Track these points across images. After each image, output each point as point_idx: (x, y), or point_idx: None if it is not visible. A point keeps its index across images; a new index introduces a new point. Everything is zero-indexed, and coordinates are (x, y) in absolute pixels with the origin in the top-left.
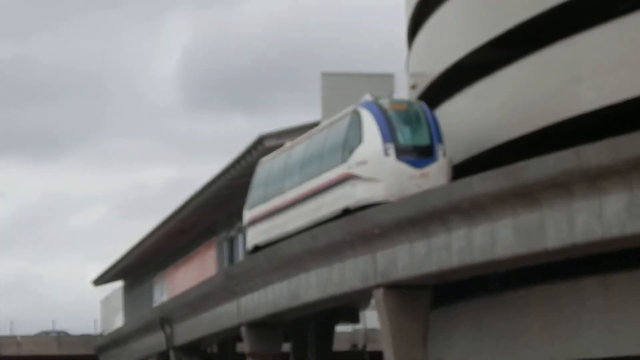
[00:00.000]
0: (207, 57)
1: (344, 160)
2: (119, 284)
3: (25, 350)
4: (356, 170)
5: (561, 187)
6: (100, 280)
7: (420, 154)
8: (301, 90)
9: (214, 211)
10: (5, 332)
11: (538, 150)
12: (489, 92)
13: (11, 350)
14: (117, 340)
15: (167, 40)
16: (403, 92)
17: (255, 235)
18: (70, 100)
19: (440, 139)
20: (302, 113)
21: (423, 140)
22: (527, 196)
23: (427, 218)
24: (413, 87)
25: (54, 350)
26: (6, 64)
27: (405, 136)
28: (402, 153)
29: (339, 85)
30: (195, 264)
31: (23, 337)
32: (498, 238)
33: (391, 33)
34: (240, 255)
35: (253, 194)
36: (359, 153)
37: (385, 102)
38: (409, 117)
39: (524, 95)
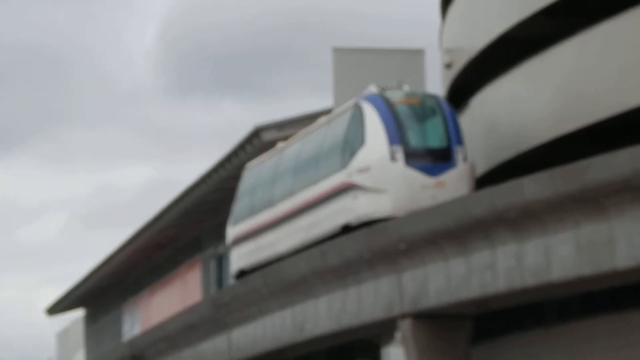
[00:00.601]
0: (190, 31)
1: (343, 166)
2: (79, 314)
3: None
4: (357, 179)
5: (635, 191)
6: (56, 308)
7: (434, 159)
8: (308, 70)
9: (198, 221)
10: None
11: (605, 146)
12: (542, 73)
13: None
14: None
15: (141, 10)
16: (435, 71)
17: (240, 258)
18: (22, 84)
19: (459, 140)
20: (310, 99)
21: (438, 141)
22: (591, 203)
23: (467, 230)
24: (447, 66)
25: None
26: None
27: (416, 137)
28: (413, 157)
29: (355, 64)
30: (175, 287)
31: None
32: (555, 256)
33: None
34: (231, 277)
35: (238, 206)
36: (361, 158)
37: (393, 95)
38: (422, 113)
39: (586, 77)
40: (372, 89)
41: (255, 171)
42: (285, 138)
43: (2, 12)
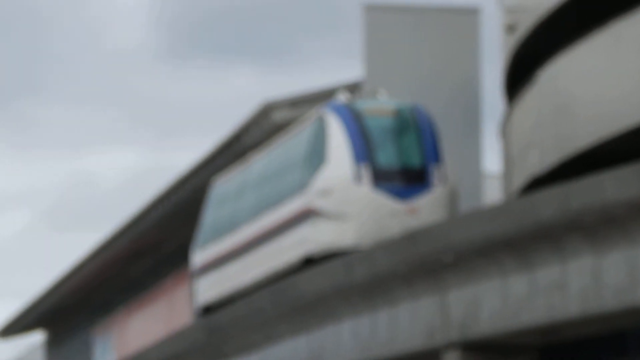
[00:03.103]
0: None
1: (302, 188)
2: (38, 337)
3: None
4: (318, 203)
5: None
6: (10, 330)
7: (407, 181)
8: (335, 33)
9: (189, 224)
10: None
11: None
12: (630, 40)
13: None
14: None
15: None
16: (494, 36)
17: (204, 290)
18: None
19: (437, 158)
20: (337, 67)
21: (411, 160)
22: None
23: (531, 239)
24: (510, 28)
25: None
26: None
27: (386, 155)
28: (381, 179)
29: (391, 26)
30: (158, 307)
31: None
32: None
33: None
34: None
35: (203, 228)
36: (322, 178)
37: (363, 106)
38: (395, 127)
39: None
40: (341, 96)
41: (222, 188)
42: (298, 117)
43: None
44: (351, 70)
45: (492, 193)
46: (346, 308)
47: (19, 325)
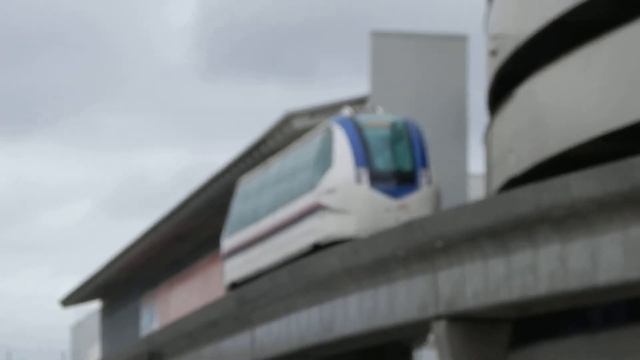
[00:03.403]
0: (231, 7)
1: (312, 186)
2: (95, 306)
3: None
4: (325, 199)
5: None
6: (71, 299)
7: (398, 182)
8: (351, 53)
9: (221, 213)
10: None
11: None
12: (596, 62)
13: None
14: None
15: None
16: (480, 59)
17: (232, 270)
18: (48, 60)
19: (425, 163)
20: (348, 83)
21: (403, 165)
22: None
23: (508, 229)
24: (493, 52)
25: None
26: None
27: (382, 160)
28: (377, 180)
29: (394, 50)
30: (196, 281)
31: None
32: (602, 258)
33: None
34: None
35: (231, 219)
36: (328, 179)
37: (363, 119)
38: (390, 137)
39: None
40: (346, 111)
41: (247, 186)
42: (315, 125)
43: None
44: (360, 86)
45: (476, 191)
46: (353, 285)
47: (78, 296)
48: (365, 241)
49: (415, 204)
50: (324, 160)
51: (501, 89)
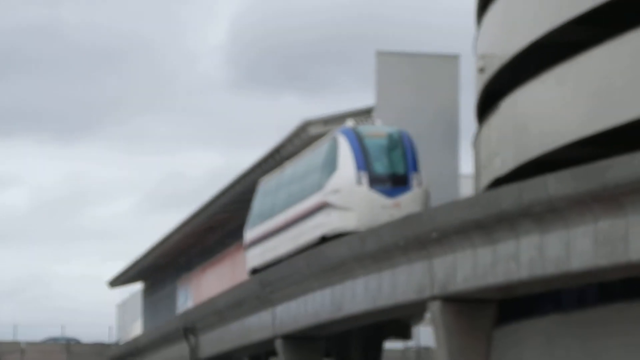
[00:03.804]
0: (258, 29)
1: (320, 187)
2: (138, 287)
3: (30, 359)
4: (330, 198)
5: None
6: (117, 281)
7: (393, 183)
8: (362, 69)
9: (247, 207)
10: (8, 337)
11: (627, 147)
12: (570, 78)
13: (13, 358)
14: (134, 351)
15: (212, 7)
16: (469, 75)
17: (253, 258)
18: (97, 72)
19: (416, 168)
20: (357, 95)
21: (397, 169)
22: (610, 201)
23: (494, 222)
24: (481, 70)
25: None
26: (27, 31)
27: (378, 165)
28: (375, 182)
29: (395, 66)
30: (225, 266)
31: (28, 343)
32: (575, 248)
33: (459, 8)
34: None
35: (252, 214)
36: (334, 181)
37: (364, 130)
38: (386, 145)
39: (612, 82)
40: (349, 123)
41: (266, 185)
42: (329, 131)
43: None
44: (367, 97)
45: (466, 189)
46: (360, 270)
47: (123, 278)
48: (371, 232)
49: (407, 203)
50: (330, 164)
51: (488, 101)
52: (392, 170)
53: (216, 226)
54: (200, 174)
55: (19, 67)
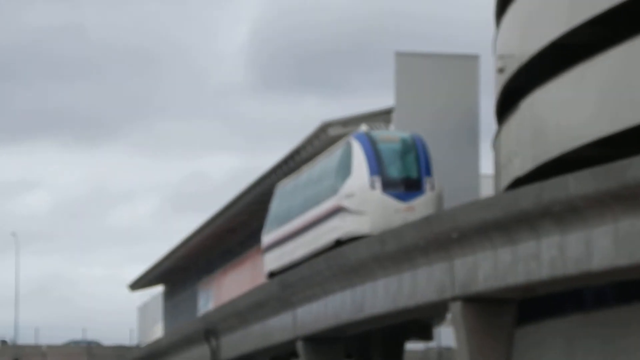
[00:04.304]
0: (277, 32)
1: (334, 191)
2: (158, 289)
3: None
4: (345, 203)
5: None
6: (138, 284)
7: (406, 188)
8: (381, 71)
9: (268, 208)
10: (29, 340)
11: None
12: (589, 78)
13: None
14: (155, 353)
15: (233, 10)
16: (489, 76)
17: (270, 261)
18: (120, 76)
19: (429, 172)
20: (376, 96)
21: (410, 173)
22: (630, 200)
23: (514, 222)
24: (500, 70)
25: None
26: (54, 32)
27: (392, 169)
28: (388, 186)
29: (415, 67)
30: (245, 268)
31: (49, 346)
32: (595, 247)
33: (479, 3)
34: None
35: (269, 218)
36: (348, 185)
37: (377, 135)
38: (399, 150)
39: (630, 82)
40: (363, 128)
41: (282, 190)
42: (349, 132)
43: (109, 10)
44: (386, 98)
45: (487, 189)
46: (380, 271)
47: (144, 281)
48: (391, 233)
49: (420, 207)
50: (344, 169)
51: (507, 102)
52: (405, 175)
53: (236, 228)
54: (222, 176)
55: (43, 68)
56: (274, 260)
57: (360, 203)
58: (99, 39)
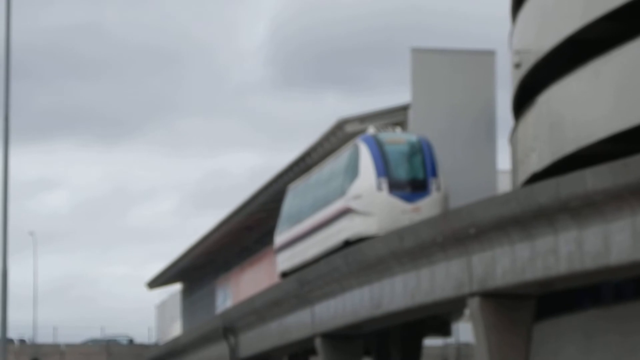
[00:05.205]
0: (298, 29)
1: (342, 193)
2: (176, 287)
3: None
4: (352, 204)
5: None
6: (156, 282)
7: (412, 189)
8: (401, 67)
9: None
10: (48, 339)
11: None
12: (605, 73)
13: None
14: (173, 352)
15: (253, 8)
16: (506, 71)
17: (282, 262)
18: (139, 75)
19: (434, 173)
20: (393, 92)
21: (416, 174)
22: None
23: (532, 217)
24: (517, 66)
25: None
26: (74, 31)
27: (398, 171)
28: (395, 187)
29: (431, 63)
30: (263, 266)
31: (67, 345)
32: (613, 242)
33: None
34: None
35: (281, 218)
36: (355, 187)
37: (384, 137)
38: (406, 152)
39: None
40: (371, 130)
41: (294, 191)
42: (365, 129)
43: (119, 9)
44: (403, 94)
45: (504, 185)
46: (398, 267)
47: (162, 279)
48: (409, 229)
49: (426, 207)
50: (352, 171)
51: (524, 97)
52: (412, 176)
53: (254, 225)
54: (243, 174)
55: (63, 67)
56: (285, 261)
57: (368, 204)
58: (119, 37)
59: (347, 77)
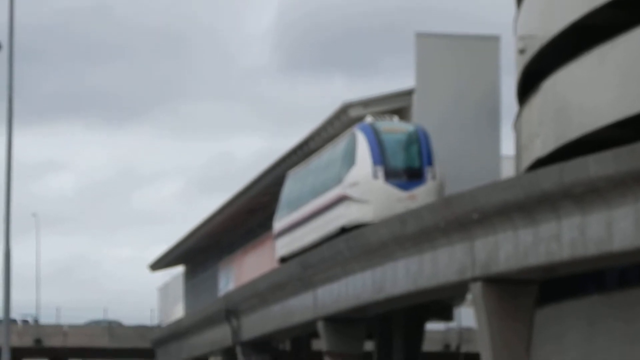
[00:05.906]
0: (304, 13)
1: (339, 180)
2: (179, 270)
3: (72, 342)
4: (349, 191)
5: None
6: (158, 264)
7: (408, 177)
8: (408, 52)
9: None
10: (50, 320)
11: None
12: (610, 59)
13: (56, 341)
14: (176, 333)
15: None
16: (510, 56)
17: (280, 247)
18: (147, 58)
19: (430, 162)
20: (398, 77)
21: (412, 163)
22: None
23: (535, 203)
24: (521, 51)
25: (104, 342)
26: (82, 13)
27: (394, 159)
28: (390, 175)
29: (435, 48)
30: (266, 249)
31: (70, 326)
32: (616, 228)
33: None
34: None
35: (280, 205)
36: (352, 175)
37: (381, 125)
38: (402, 140)
39: None
40: (368, 119)
41: (292, 178)
42: (369, 114)
43: None
44: (408, 79)
45: (508, 170)
46: (401, 252)
47: (165, 262)
48: (411, 214)
49: (422, 195)
50: (349, 159)
51: (528, 83)
52: (408, 165)
53: (257, 209)
54: (249, 158)
55: (71, 50)
56: (283, 246)
57: (364, 192)
58: (127, 20)
59: (355, 61)
